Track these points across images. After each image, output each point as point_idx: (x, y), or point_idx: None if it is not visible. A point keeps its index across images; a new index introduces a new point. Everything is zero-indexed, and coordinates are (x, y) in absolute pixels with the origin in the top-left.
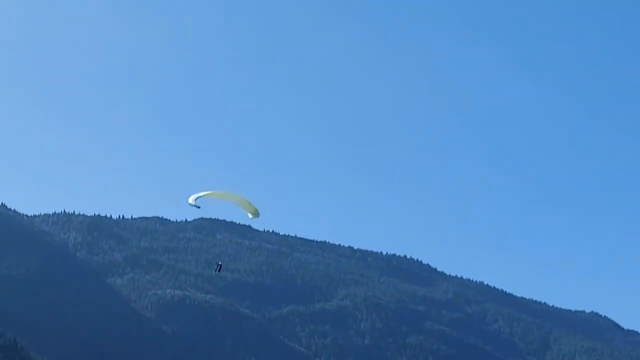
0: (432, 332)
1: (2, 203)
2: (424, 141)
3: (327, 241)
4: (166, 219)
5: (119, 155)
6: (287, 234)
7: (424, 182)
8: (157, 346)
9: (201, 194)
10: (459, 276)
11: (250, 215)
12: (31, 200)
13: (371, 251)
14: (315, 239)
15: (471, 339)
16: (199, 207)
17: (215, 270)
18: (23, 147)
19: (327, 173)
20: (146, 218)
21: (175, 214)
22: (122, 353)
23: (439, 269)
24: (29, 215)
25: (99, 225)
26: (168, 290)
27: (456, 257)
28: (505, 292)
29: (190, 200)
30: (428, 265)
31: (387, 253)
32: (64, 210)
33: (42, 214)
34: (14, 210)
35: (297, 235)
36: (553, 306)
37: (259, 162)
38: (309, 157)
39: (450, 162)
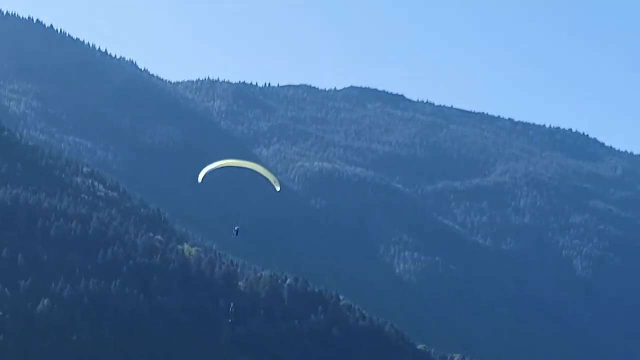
0: (598, 212)
1: (144, 69)
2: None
3: (485, 113)
4: (314, 88)
5: (265, 18)
6: (442, 105)
7: (592, 50)
8: (304, 221)
9: (214, 165)
10: (629, 152)
11: (275, 186)
12: (175, 67)
13: (533, 124)
14: (473, 110)
15: None
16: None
17: (234, 235)
18: (194, 12)
19: (486, 39)
20: (293, 86)
21: (324, 82)
22: (267, 226)
23: (607, 144)
24: (172, 82)
25: (244, 93)
26: (316, 163)
27: (626, 131)
28: None
29: (200, 177)
30: (595, 139)
31: (550, 126)
32: (208, 78)
33: (185, 81)
34: (157, 76)
35: (454, 106)
36: None
37: (414, 32)
38: (470, 22)
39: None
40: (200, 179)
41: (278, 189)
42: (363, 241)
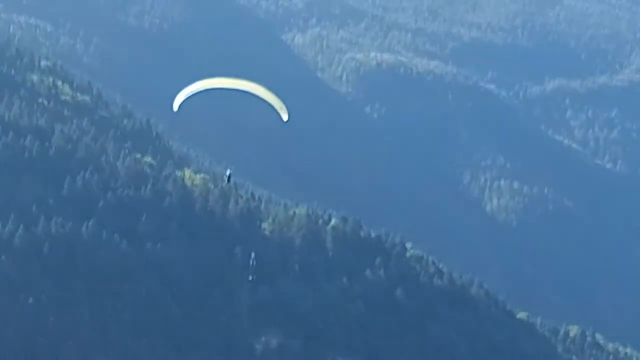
0: None
1: None
2: None
3: None
4: None
5: None
6: None
7: None
8: (356, 135)
9: (193, 88)
10: None
11: (282, 114)
12: None
13: None
14: None
15: None
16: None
17: (226, 180)
18: None
19: None
20: None
21: None
22: (303, 144)
23: None
24: None
25: None
26: (373, 54)
27: None
28: None
29: (176, 103)
30: None
31: None
32: None
33: None
34: None
35: None
36: None
37: None
38: None
39: None
40: (175, 107)
41: (285, 118)
42: (440, 165)
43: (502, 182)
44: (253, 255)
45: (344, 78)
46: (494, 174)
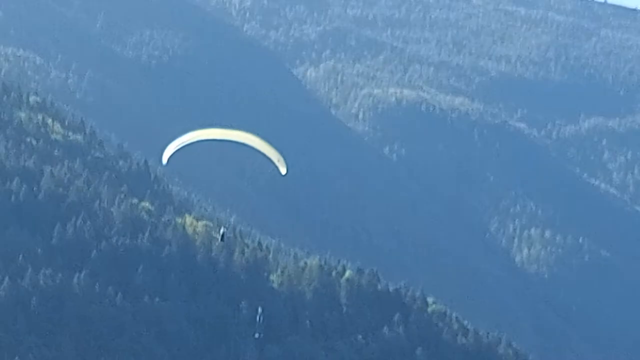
0: None
1: None
2: None
3: None
4: None
5: None
6: None
7: None
8: (373, 178)
9: (185, 139)
10: None
11: (280, 167)
12: None
13: None
14: (638, 7)
15: None
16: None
17: (219, 239)
18: None
19: None
20: None
21: None
22: (316, 188)
23: None
24: None
25: None
26: (392, 90)
27: None
28: None
29: (165, 156)
30: None
31: None
32: None
33: None
34: None
35: (608, 1)
36: None
37: None
38: None
39: None
40: (164, 160)
41: (283, 171)
42: (465, 212)
43: (532, 230)
44: (260, 310)
45: (360, 116)
46: (524, 221)
